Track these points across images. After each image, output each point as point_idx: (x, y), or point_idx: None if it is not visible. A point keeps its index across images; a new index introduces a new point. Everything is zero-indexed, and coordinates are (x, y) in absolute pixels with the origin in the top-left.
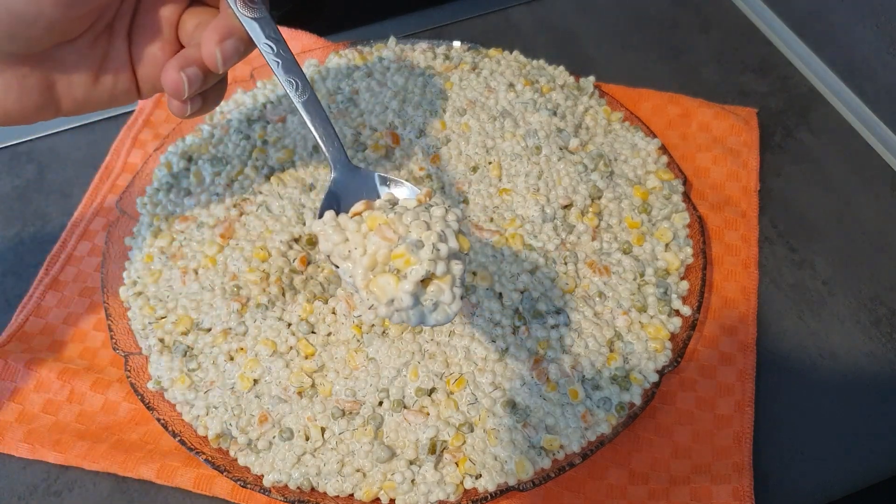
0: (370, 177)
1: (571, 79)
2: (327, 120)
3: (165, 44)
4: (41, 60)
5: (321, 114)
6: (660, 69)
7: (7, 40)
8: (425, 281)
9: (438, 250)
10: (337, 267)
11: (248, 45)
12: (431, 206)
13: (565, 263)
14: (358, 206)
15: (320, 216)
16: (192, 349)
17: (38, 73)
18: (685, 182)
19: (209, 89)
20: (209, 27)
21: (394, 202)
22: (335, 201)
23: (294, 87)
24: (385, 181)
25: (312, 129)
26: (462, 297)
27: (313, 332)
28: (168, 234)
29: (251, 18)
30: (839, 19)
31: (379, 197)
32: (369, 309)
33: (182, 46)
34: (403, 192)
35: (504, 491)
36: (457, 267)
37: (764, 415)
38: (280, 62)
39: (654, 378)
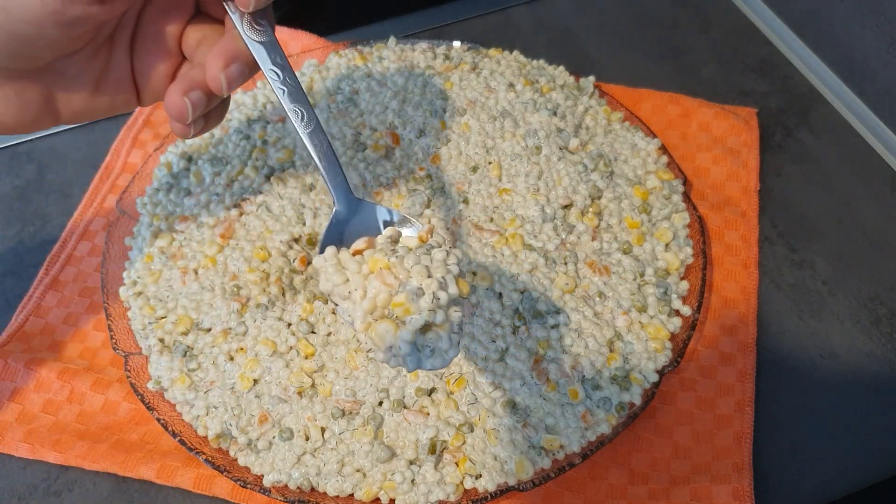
0: (372, 210)
1: (571, 79)
2: (332, 151)
3: (168, 56)
4: (40, 73)
5: (326, 145)
6: (660, 69)
7: (7, 59)
8: (424, 328)
9: (438, 299)
10: (336, 305)
11: (253, 68)
12: (433, 247)
13: (565, 263)
14: (359, 244)
15: (321, 251)
16: (192, 349)
17: (37, 86)
18: (685, 182)
19: (212, 110)
20: (214, 50)
21: (395, 239)
22: (337, 235)
23: (299, 116)
24: (388, 215)
25: (317, 160)
26: (459, 343)
27: (313, 332)
28: (168, 234)
29: (257, 42)
30: (839, 19)
31: (381, 231)
32: (367, 352)
33: (184, 58)
34: (406, 227)
35: (504, 491)
36: (456, 314)
37: (764, 415)
38: (286, 90)
39: (654, 378)
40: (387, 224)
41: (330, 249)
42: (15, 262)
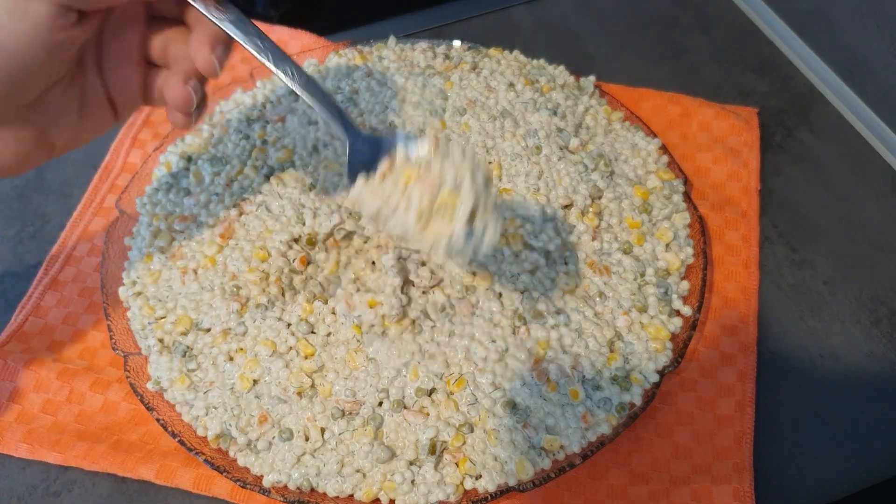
0: (377, 139)
1: (571, 78)
2: (328, 96)
3: (135, 65)
4: (32, 111)
5: (321, 92)
6: (660, 69)
7: (4, 87)
8: (471, 214)
9: (477, 182)
10: (380, 228)
11: (231, 44)
12: (450, 140)
13: (565, 263)
14: (383, 167)
15: (350, 181)
16: (192, 349)
17: (30, 124)
18: (686, 182)
19: (199, 101)
20: (194, 40)
21: (408, 155)
22: (359, 165)
23: (288, 74)
24: (393, 137)
25: (316, 108)
26: (498, 221)
27: (313, 333)
28: (167, 234)
29: (228, 21)
30: (839, 19)
31: (395, 151)
32: (428, 252)
33: (150, 65)
34: (411, 143)
35: (504, 491)
36: (493, 189)
37: (764, 415)
38: (269, 55)
39: (655, 378)
40: (394, 146)
41: (360, 179)
42: (14, 262)
